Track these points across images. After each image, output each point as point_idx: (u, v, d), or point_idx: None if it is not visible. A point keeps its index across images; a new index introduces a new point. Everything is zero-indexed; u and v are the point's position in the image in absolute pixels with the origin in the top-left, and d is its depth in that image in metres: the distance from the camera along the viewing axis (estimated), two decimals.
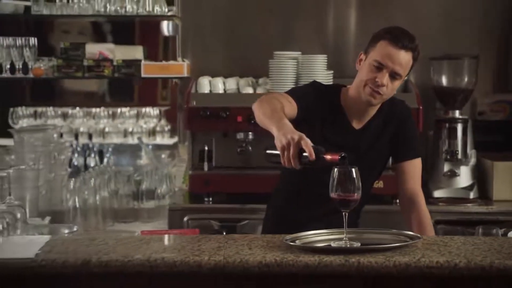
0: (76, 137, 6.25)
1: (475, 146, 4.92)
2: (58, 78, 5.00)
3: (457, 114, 4.89)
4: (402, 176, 3.55)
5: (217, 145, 4.74)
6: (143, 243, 2.95)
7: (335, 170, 2.83)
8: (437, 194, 4.78)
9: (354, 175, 2.82)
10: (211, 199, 4.66)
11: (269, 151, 3.06)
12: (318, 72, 4.75)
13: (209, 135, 4.73)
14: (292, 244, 2.82)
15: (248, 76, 4.95)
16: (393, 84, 3.35)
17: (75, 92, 6.99)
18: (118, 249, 2.81)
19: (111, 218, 4.81)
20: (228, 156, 4.73)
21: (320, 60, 4.80)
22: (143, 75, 4.99)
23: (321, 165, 2.87)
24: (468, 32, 5.16)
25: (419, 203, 3.51)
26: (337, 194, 2.83)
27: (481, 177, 4.85)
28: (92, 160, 6.31)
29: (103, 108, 6.37)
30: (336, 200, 2.84)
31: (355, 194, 2.83)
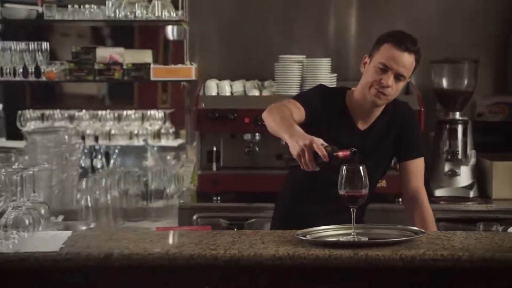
0: (83, 139, 6.33)
1: (474, 146, 5.01)
2: (70, 81, 5.10)
3: (458, 115, 4.98)
4: (405, 175, 3.67)
5: (225, 146, 4.86)
6: (161, 238, 3.08)
7: (344, 168, 2.97)
8: (438, 193, 4.88)
9: (362, 173, 2.96)
10: (219, 198, 4.77)
11: (290, 159, 3.22)
12: (322, 75, 4.86)
13: (217, 136, 4.85)
14: (303, 238, 2.94)
15: (253, 79, 5.07)
16: (397, 85, 3.48)
17: (80, 95, 7.10)
18: (137, 244, 2.94)
19: (121, 217, 4.92)
20: (235, 156, 4.84)
21: (324, 63, 4.90)
22: (152, 78, 5.09)
23: (336, 163, 3.02)
24: (468, 35, 5.24)
25: (422, 201, 3.63)
26: (345, 191, 2.96)
27: (481, 177, 4.94)
28: (99, 162, 6.38)
29: (108, 111, 6.45)
30: (345, 196, 2.97)
31: (363, 190, 2.97)
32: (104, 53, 5.12)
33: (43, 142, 4.80)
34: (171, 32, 6.44)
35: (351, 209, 2.98)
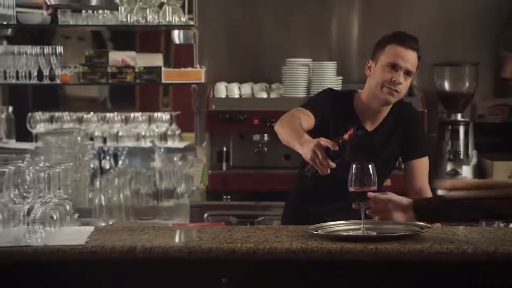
0: (91, 140, 6.43)
1: (475, 147, 5.13)
2: (84, 84, 5.19)
3: (459, 117, 5.12)
4: (410, 173, 3.81)
5: (234, 146, 5.00)
6: (179, 233, 3.23)
7: (353, 166, 3.13)
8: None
9: (371, 171, 3.11)
10: (229, 196, 4.91)
11: (308, 170, 3.37)
12: (328, 78, 4.99)
13: (227, 137, 4.99)
14: (315, 233, 3.09)
15: (261, 82, 5.19)
16: (407, 81, 3.65)
17: (88, 98, 7.24)
18: (158, 238, 3.09)
19: (133, 215, 5.09)
20: (244, 156, 4.98)
21: (330, 66, 5.03)
22: (163, 81, 5.19)
23: (348, 148, 3.18)
24: (469, 39, 5.36)
25: None
26: (355, 187, 3.12)
27: (482, 176, 5.05)
28: (107, 163, 6.50)
29: (116, 113, 6.58)
30: (355, 193, 3.12)
31: (371, 187, 3.12)
32: (116, 57, 5.23)
33: (57, 143, 4.95)
34: (178, 36, 6.59)
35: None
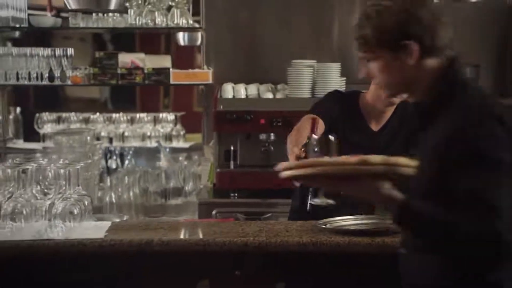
0: (98, 140, 6.54)
1: None
2: (94, 85, 5.32)
3: None
4: None
5: (241, 145, 5.13)
6: (193, 228, 3.37)
7: None
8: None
9: None
10: (236, 194, 5.04)
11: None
12: (333, 79, 5.11)
13: (234, 136, 5.12)
14: (324, 227, 3.23)
15: (267, 83, 5.30)
16: None
17: (91, 99, 7.37)
18: (173, 232, 3.23)
19: (142, 213, 5.22)
20: (251, 155, 5.11)
21: (334, 67, 5.15)
22: (171, 82, 5.32)
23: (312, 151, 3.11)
24: (470, 41, 5.38)
25: None
26: None
27: None
28: (114, 162, 6.61)
29: (121, 114, 6.70)
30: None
31: None
32: (125, 58, 5.35)
33: (68, 142, 5.07)
34: (182, 38, 6.71)
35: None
